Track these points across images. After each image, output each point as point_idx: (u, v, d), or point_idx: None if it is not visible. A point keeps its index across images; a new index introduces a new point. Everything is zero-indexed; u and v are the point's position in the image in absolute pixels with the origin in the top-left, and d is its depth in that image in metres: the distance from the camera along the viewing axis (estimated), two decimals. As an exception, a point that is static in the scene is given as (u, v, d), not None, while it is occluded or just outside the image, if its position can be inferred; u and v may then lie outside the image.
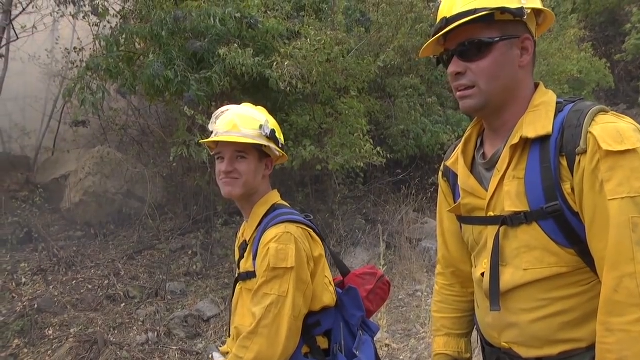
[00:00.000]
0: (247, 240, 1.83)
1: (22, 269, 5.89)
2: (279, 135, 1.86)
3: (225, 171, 1.78)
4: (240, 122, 1.78)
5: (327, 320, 1.80)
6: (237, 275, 1.88)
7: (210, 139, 1.82)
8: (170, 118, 7.55)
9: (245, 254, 1.82)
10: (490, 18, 1.27)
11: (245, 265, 1.80)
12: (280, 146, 1.85)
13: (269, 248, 1.67)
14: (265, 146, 1.79)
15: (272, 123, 1.85)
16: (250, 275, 1.76)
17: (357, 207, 7.59)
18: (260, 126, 1.78)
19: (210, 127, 1.84)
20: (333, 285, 1.89)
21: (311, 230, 1.80)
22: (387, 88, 7.57)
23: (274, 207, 1.82)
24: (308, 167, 6.33)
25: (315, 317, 1.77)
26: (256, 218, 1.81)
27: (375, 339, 1.99)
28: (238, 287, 1.85)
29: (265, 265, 1.66)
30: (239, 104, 1.94)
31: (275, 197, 1.88)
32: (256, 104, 1.98)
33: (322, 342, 1.80)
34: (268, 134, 1.78)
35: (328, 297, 1.81)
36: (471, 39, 1.29)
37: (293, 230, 1.72)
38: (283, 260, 1.65)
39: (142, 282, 5.95)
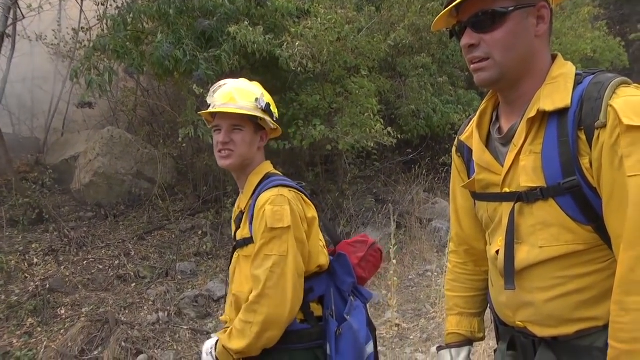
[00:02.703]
0: (243, 209, 1.89)
1: (33, 249, 5.94)
2: (274, 109, 1.92)
3: (223, 141, 1.83)
4: (238, 94, 1.84)
5: (319, 286, 1.85)
6: (233, 244, 1.93)
7: (208, 111, 1.87)
8: (179, 98, 7.52)
9: (242, 223, 1.87)
10: None
11: (242, 232, 1.85)
12: (274, 120, 1.91)
13: (264, 210, 1.73)
14: (260, 119, 1.85)
15: (267, 97, 1.90)
16: (247, 241, 1.81)
17: (368, 187, 7.57)
18: (256, 99, 1.84)
19: (208, 99, 1.88)
20: (326, 249, 1.96)
21: (303, 195, 1.87)
22: (398, 67, 7.48)
23: (267, 176, 1.89)
24: (318, 146, 6.29)
25: (309, 282, 1.81)
26: (250, 187, 1.88)
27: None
28: (235, 255, 1.90)
29: (263, 227, 1.72)
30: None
31: (268, 167, 1.94)
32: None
33: (317, 310, 1.85)
34: (263, 106, 1.85)
35: (323, 258, 1.88)
36: (484, 9, 1.24)
37: (286, 192, 1.78)
38: (279, 221, 1.71)
39: (152, 262, 5.99)
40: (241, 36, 5.09)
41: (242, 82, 1.94)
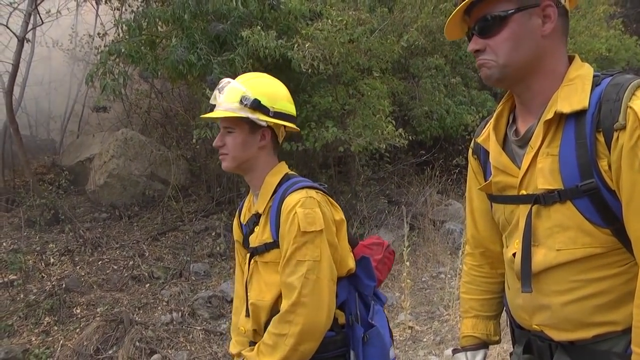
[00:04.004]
0: (261, 211, 1.77)
1: (50, 249, 6.01)
2: (270, 104, 1.72)
3: (216, 145, 1.78)
4: (224, 97, 1.72)
5: (342, 291, 1.74)
6: (248, 252, 1.82)
7: (203, 116, 1.86)
8: (193, 100, 7.57)
9: (259, 227, 1.77)
10: None
11: (262, 237, 1.74)
12: (271, 115, 1.73)
13: (295, 212, 1.63)
14: (249, 117, 1.70)
15: (255, 92, 1.71)
16: (268, 246, 1.71)
17: (381, 188, 7.55)
18: (242, 97, 1.69)
19: (211, 101, 1.81)
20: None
21: (328, 197, 1.77)
22: (411, 68, 7.46)
23: (287, 177, 1.79)
24: (331, 148, 6.29)
25: None
26: (269, 188, 1.77)
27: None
28: (252, 262, 1.79)
29: (295, 231, 1.62)
30: None
31: (285, 168, 1.84)
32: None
33: (340, 316, 1.75)
34: (249, 104, 1.68)
35: (351, 261, 1.78)
36: (487, 14, 1.25)
37: (314, 194, 1.69)
38: (311, 224, 1.62)
39: (166, 263, 6.03)
40: (253, 40, 5.11)
41: (235, 81, 1.77)
